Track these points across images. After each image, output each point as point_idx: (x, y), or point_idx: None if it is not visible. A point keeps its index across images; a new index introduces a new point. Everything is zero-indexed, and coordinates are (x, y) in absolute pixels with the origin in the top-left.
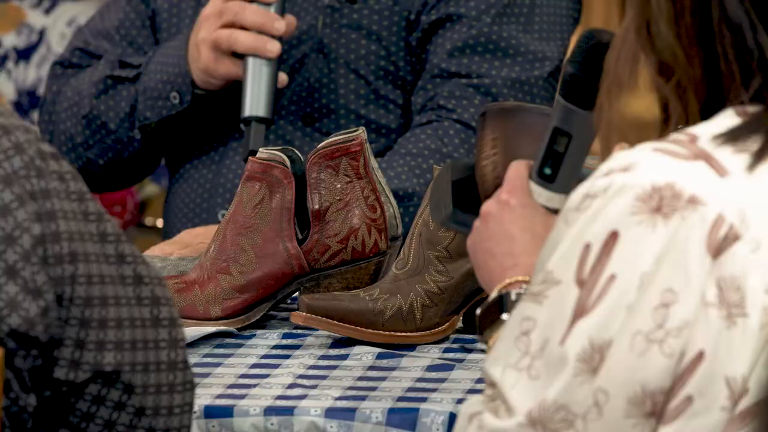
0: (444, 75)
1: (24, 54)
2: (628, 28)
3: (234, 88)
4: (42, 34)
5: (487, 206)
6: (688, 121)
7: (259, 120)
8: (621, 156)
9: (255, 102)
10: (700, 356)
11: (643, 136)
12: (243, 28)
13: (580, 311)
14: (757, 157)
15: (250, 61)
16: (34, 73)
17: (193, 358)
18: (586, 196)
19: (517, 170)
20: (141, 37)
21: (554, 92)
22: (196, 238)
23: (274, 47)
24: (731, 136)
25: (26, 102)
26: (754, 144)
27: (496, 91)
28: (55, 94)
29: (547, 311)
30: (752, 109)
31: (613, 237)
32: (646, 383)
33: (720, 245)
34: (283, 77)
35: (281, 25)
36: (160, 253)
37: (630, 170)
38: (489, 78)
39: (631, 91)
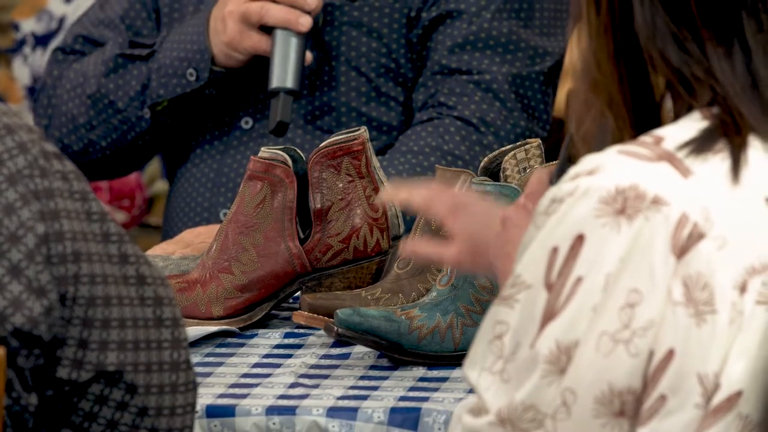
0: (445, 72)
1: (42, 40)
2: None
3: (237, 86)
4: (62, 21)
5: (507, 212)
6: (623, 138)
7: (287, 92)
8: (587, 159)
9: (283, 73)
10: (670, 355)
11: None
12: (273, 1)
13: (549, 315)
14: (734, 162)
15: (279, 33)
16: None
17: (195, 357)
18: (553, 200)
19: (538, 177)
20: (146, 28)
21: (555, 87)
22: (198, 237)
23: (306, 21)
24: (696, 140)
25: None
26: (719, 146)
27: (496, 87)
28: (56, 79)
29: (519, 315)
30: (717, 110)
31: (579, 240)
32: (614, 383)
33: (685, 244)
34: (309, 55)
35: (313, 0)
36: (161, 253)
37: (595, 173)
38: (489, 74)
39: None
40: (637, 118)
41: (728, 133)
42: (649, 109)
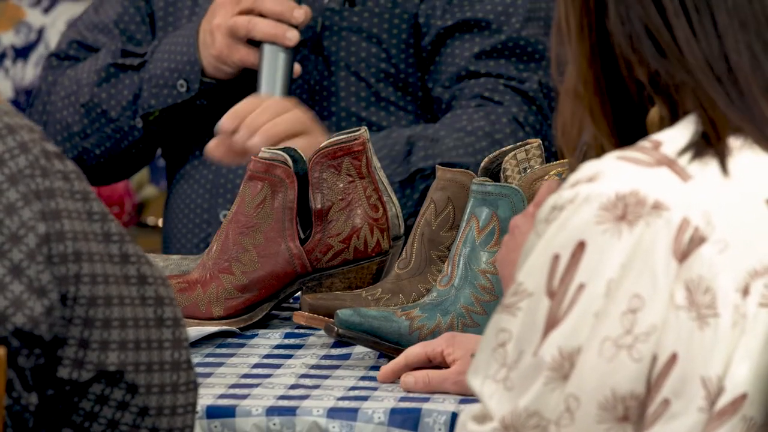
0: (475, 75)
1: (22, 53)
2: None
3: (235, 85)
4: (41, 33)
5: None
6: (604, 146)
7: None
8: (587, 166)
9: (271, 88)
10: (673, 359)
11: None
12: (260, 15)
13: (552, 323)
14: (721, 168)
15: (267, 48)
16: (32, 72)
17: (196, 357)
18: (553, 208)
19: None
20: (140, 32)
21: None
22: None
23: (294, 35)
24: (694, 144)
25: (24, 101)
26: (713, 150)
27: (533, 94)
28: (51, 85)
29: (521, 323)
30: (697, 117)
31: (580, 247)
32: (617, 388)
33: (686, 249)
34: (297, 67)
35: (300, 13)
36: None
37: (595, 180)
38: (526, 81)
39: None
40: (620, 125)
41: (710, 141)
42: (630, 115)
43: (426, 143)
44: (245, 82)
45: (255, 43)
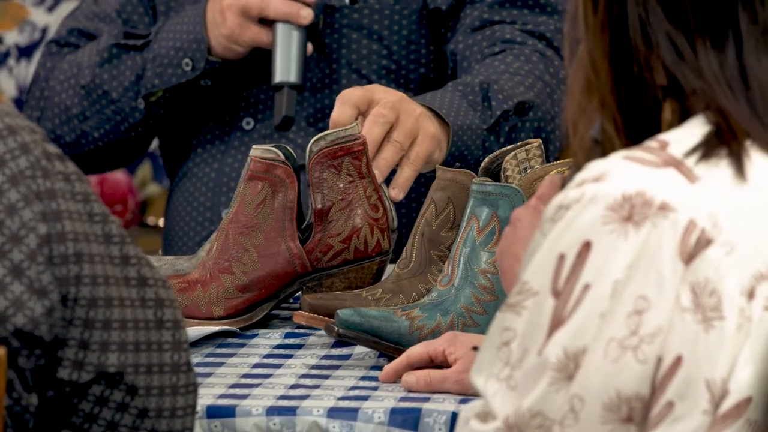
0: (490, 23)
1: (26, 51)
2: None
3: (237, 86)
4: (44, 31)
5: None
6: (614, 144)
7: (291, 86)
8: (593, 166)
9: (286, 68)
10: (678, 361)
11: None
12: None
13: (556, 322)
14: (736, 168)
15: (280, 27)
16: None
17: (196, 357)
18: (559, 207)
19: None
20: (142, 23)
21: None
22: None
23: (307, 14)
24: (702, 145)
25: None
26: (724, 151)
27: (550, 35)
28: (50, 71)
29: (526, 322)
30: (712, 116)
31: (586, 247)
32: (621, 389)
33: (692, 250)
34: (310, 46)
35: None
36: None
37: (601, 180)
38: (543, 26)
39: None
40: (631, 123)
41: (725, 140)
42: (644, 113)
43: (495, 86)
44: (255, 71)
45: (267, 23)
